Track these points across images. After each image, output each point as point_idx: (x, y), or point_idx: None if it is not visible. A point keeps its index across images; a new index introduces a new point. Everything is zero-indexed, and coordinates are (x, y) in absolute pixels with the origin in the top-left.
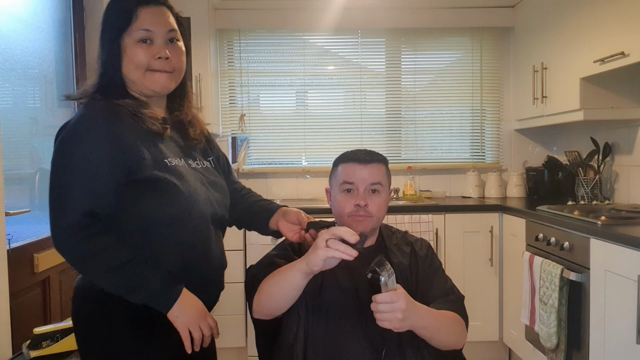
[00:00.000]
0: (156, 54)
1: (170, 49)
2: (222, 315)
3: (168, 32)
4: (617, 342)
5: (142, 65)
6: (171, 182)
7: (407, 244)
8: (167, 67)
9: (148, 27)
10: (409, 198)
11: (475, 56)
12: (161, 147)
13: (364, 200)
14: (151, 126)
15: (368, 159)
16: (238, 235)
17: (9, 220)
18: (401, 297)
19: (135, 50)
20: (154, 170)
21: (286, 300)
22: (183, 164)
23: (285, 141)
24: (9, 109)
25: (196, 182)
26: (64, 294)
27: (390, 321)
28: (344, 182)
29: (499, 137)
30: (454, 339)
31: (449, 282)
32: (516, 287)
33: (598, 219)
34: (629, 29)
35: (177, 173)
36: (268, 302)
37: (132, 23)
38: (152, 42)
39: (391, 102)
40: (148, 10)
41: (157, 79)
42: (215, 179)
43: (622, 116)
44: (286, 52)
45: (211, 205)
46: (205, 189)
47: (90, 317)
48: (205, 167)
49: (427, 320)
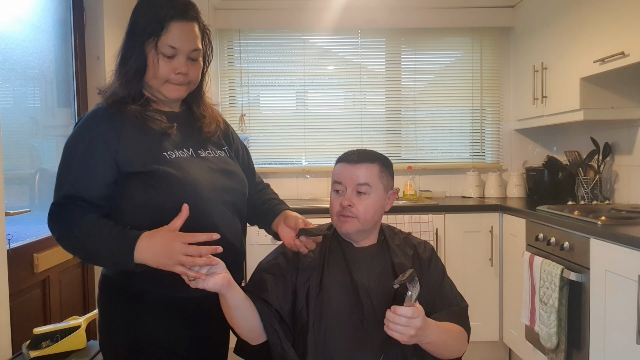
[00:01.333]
0: (176, 69)
1: (189, 65)
2: None
3: (192, 52)
4: (617, 342)
5: (162, 78)
6: (169, 173)
7: (410, 246)
8: (184, 81)
9: (175, 45)
10: (409, 198)
11: (475, 56)
12: (163, 142)
13: (348, 201)
14: (155, 126)
15: (356, 160)
16: None
17: (9, 220)
18: (420, 315)
19: (159, 62)
20: (152, 164)
21: (248, 321)
22: (189, 154)
23: (285, 141)
24: (9, 109)
25: (201, 170)
26: (64, 294)
27: (401, 334)
28: (334, 182)
29: (499, 137)
30: (455, 351)
31: (454, 290)
32: (516, 287)
33: (598, 219)
34: (629, 29)
35: (176, 164)
36: (241, 332)
37: (162, 35)
38: (175, 57)
39: (391, 102)
40: (179, 26)
41: (173, 90)
42: (229, 167)
43: (622, 116)
44: (286, 52)
45: (216, 191)
46: (210, 176)
47: (114, 302)
48: (218, 156)
49: (434, 337)
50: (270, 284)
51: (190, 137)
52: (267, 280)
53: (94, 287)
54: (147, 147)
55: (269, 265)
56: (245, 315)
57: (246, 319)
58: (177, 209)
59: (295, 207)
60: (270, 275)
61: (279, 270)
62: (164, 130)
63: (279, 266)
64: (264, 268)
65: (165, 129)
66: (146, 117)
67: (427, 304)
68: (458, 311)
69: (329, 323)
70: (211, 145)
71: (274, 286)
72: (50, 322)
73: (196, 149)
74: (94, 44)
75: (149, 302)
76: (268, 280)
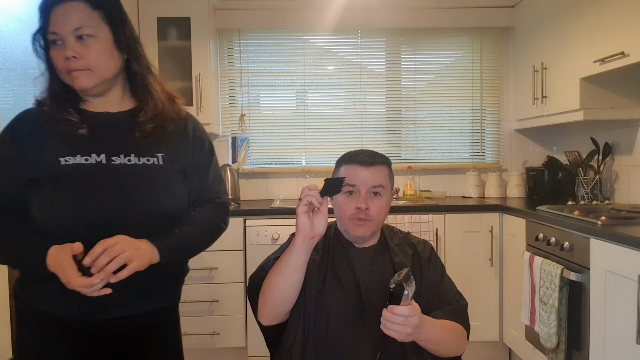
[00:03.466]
0: (64, 54)
1: (80, 47)
2: (223, 316)
3: (75, 31)
4: (617, 342)
5: (61, 69)
6: (58, 182)
7: (410, 245)
8: (79, 66)
9: (55, 30)
10: (409, 198)
11: (475, 56)
12: (65, 145)
13: (365, 203)
14: (60, 126)
15: (370, 161)
16: (238, 235)
17: None
18: (417, 313)
19: (52, 55)
20: (42, 170)
21: (291, 288)
22: (96, 161)
23: (285, 141)
24: (9, 109)
25: (97, 182)
26: None
27: (398, 333)
28: (345, 184)
29: (499, 137)
30: (453, 348)
31: (454, 289)
32: (516, 287)
33: (598, 219)
34: (629, 29)
35: (66, 174)
36: (273, 298)
37: (48, 27)
38: (63, 42)
39: (391, 102)
40: (57, 10)
41: (75, 80)
42: (142, 181)
43: (622, 116)
44: (286, 52)
45: (107, 205)
46: (108, 189)
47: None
48: (136, 164)
49: (431, 334)
50: None
51: (112, 139)
52: None
53: None
54: (44, 151)
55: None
56: (292, 284)
57: (291, 287)
58: (61, 221)
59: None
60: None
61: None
62: (69, 131)
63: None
64: (276, 257)
65: (70, 130)
66: (52, 119)
67: (426, 303)
68: (457, 309)
69: (330, 320)
70: (137, 150)
71: None
72: None
73: (111, 154)
74: None
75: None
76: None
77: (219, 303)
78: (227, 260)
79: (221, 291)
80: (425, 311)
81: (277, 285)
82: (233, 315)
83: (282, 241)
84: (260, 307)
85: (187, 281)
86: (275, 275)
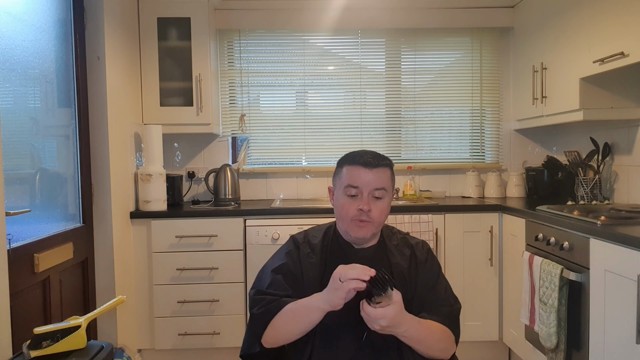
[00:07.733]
0: None
1: None
2: (222, 315)
3: None
4: (617, 342)
5: None
6: None
7: (408, 246)
8: None
9: None
10: (408, 198)
11: (475, 56)
12: None
13: (367, 205)
14: None
15: (374, 163)
16: (238, 235)
17: (9, 220)
18: (386, 316)
19: None
20: None
21: (302, 334)
22: None
23: (285, 141)
24: (9, 109)
25: None
26: (64, 294)
27: (370, 325)
28: (348, 186)
29: (498, 137)
30: (437, 350)
31: (449, 291)
32: (516, 287)
33: (598, 219)
34: (629, 29)
35: None
36: (283, 338)
37: None
38: None
39: (391, 102)
40: None
41: None
42: None
43: (621, 116)
44: (286, 52)
45: None
46: None
47: None
48: None
49: (411, 333)
50: (284, 282)
51: None
52: (280, 280)
53: (94, 287)
54: None
55: (279, 266)
56: (307, 330)
57: (305, 331)
58: None
59: (295, 207)
60: (280, 275)
61: (288, 269)
62: None
63: (288, 266)
64: (274, 269)
65: None
66: None
67: (419, 303)
68: (447, 312)
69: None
70: None
71: (286, 284)
72: (50, 322)
73: None
74: (94, 44)
75: None
76: (280, 280)
77: (219, 303)
78: (227, 260)
79: (221, 291)
80: (417, 311)
81: (292, 332)
82: (233, 315)
83: (282, 241)
84: (269, 339)
85: (187, 281)
86: (292, 323)
